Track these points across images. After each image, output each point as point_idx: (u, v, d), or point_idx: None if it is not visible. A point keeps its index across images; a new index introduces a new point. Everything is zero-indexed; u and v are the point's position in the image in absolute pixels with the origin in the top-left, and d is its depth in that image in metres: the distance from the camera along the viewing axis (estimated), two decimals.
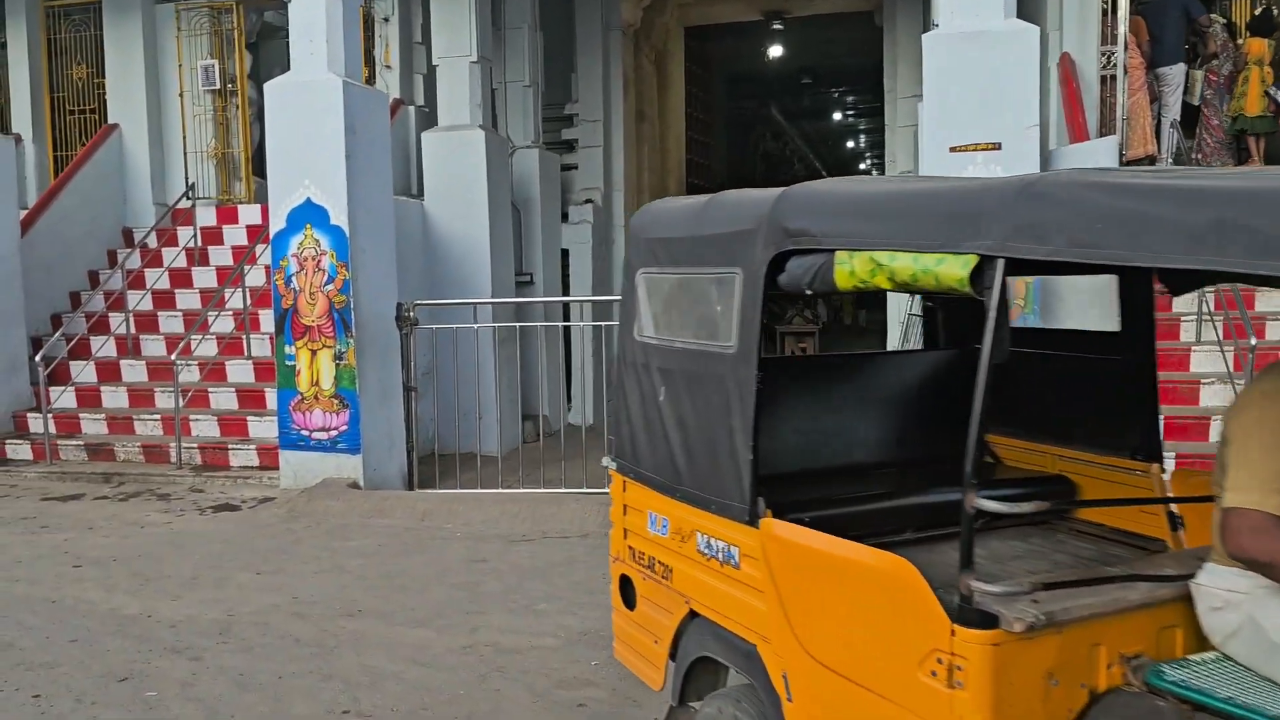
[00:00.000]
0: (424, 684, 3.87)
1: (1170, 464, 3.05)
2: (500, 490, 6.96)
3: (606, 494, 7.04)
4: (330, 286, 6.92)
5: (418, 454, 7.65)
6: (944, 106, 5.86)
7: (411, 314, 7.45)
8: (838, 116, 23.11)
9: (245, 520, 6.51)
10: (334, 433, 6.97)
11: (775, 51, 15.40)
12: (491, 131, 8.98)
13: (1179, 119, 7.73)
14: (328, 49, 6.79)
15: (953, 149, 5.85)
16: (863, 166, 34.90)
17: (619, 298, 10.30)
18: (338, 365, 6.94)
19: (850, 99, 20.51)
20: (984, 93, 5.79)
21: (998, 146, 5.77)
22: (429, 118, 9.39)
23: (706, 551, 2.56)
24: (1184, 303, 7.03)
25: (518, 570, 5.33)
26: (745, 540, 2.39)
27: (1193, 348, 6.63)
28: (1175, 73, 7.68)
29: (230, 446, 7.76)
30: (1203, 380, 6.34)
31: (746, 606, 2.41)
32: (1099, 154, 6.26)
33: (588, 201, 10.79)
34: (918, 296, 7.95)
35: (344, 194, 6.78)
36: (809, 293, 2.24)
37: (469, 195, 8.76)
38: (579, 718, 3.58)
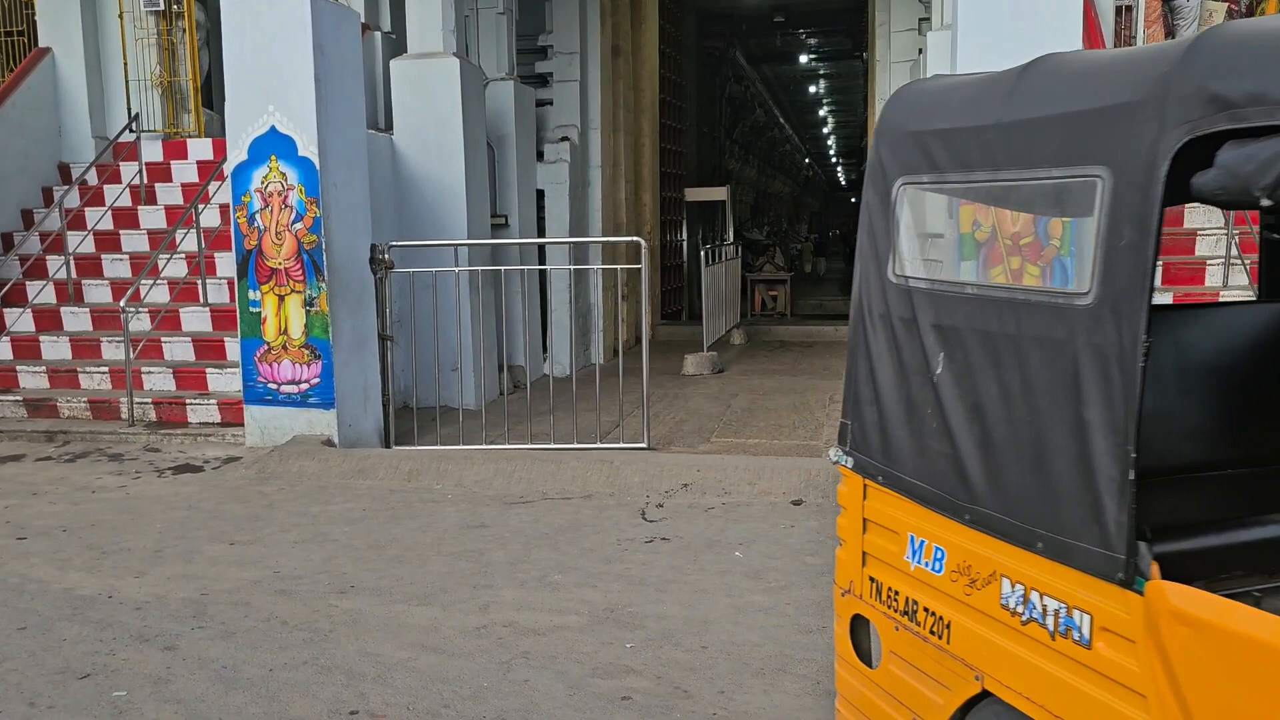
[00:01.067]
0: (439, 674, 3.37)
1: None
2: (490, 446, 6.44)
3: (605, 450, 6.71)
4: (299, 225, 6.28)
5: (394, 409, 7.10)
6: (980, 36, 5.36)
7: (387, 256, 6.84)
8: (804, 59, 22.50)
9: (210, 482, 5.91)
10: (305, 385, 6.38)
11: None
12: (466, 61, 8.30)
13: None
14: None
15: None
16: (823, 113, 34.57)
17: (602, 239, 9.71)
18: (308, 312, 6.32)
19: (820, 41, 19.91)
20: (1023, 20, 5.30)
21: None
22: (397, 45, 8.67)
23: (1021, 611, 1.82)
24: (1208, 245, 6.68)
25: (522, 536, 4.82)
26: (1110, 608, 1.63)
27: (1220, 294, 6.28)
28: (1190, 4, 7.26)
29: (188, 401, 7.11)
30: None
31: (1104, 712, 1.65)
32: None
33: (564, 139, 10.15)
34: None
35: (314, 122, 6.12)
36: (1268, 203, 1.41)
37: (442, 130, 8.11)
38: (625, 713, 3.11)
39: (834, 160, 47.84)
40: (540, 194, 10.03)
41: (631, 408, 7.74)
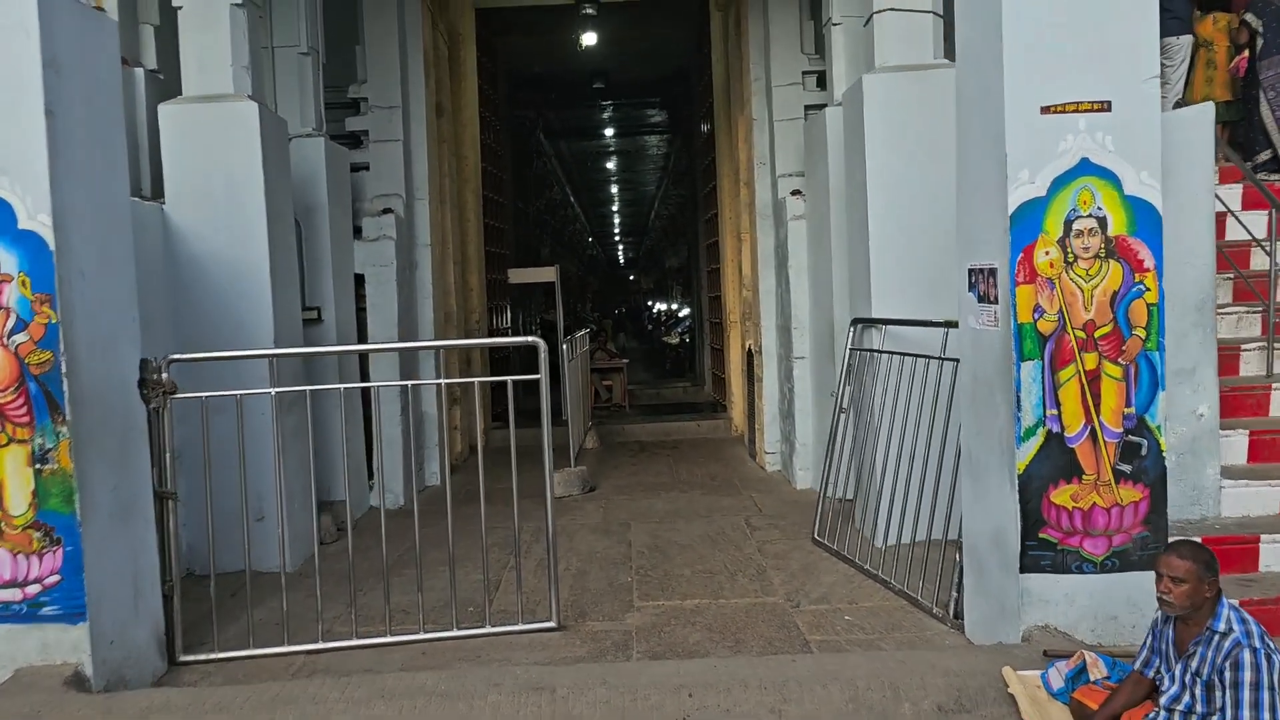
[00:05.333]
0: None
1: None
2: (340, 646, 4.35)
3: (510, 636, 4.64)
4: (20, 337, 4.02)
5: (179, 590, 4.83)
6: (1029, 48, 3.98)
7: (165, 376, 4.65)
8: (609, 132, 21.36)
9: None
10: (35, 590, 4.05)
11: (568, 47, 13.33)
12: (266, 108, 6.24)
13: (1181, 98, 6.43)
14: None
15: (1045, 109, 3.98)
16: (613, 189, 33.73)
17: (435, 343, 7.61)
18: (39, 473, 4.04)
19: (632, 112, 18.81)
20: (1084, 30, 3.97)
21: (1106, 107, 3.97)
22: (167, 88, 6.49)
23: None
24: (1248, 325, 5.59)
25: None
26: None
27: (1272, 386, 5.17)
28: (1181, 45, 6.35)
29: None
30: None
31: None
32: (1200, 122, 4.65)
33: (387, 211, 8.16)
34: (854, 329, 6.21)
35: (44, 177, 3.93)
36: None
37: (236, 197, 5.98)
38: None
39: (616, 238, 47.55)
40: (359, 278, 7.97)
41: (501, 554, 5.86)
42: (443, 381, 6.39)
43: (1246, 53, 7.00)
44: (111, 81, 4.40)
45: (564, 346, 8.83)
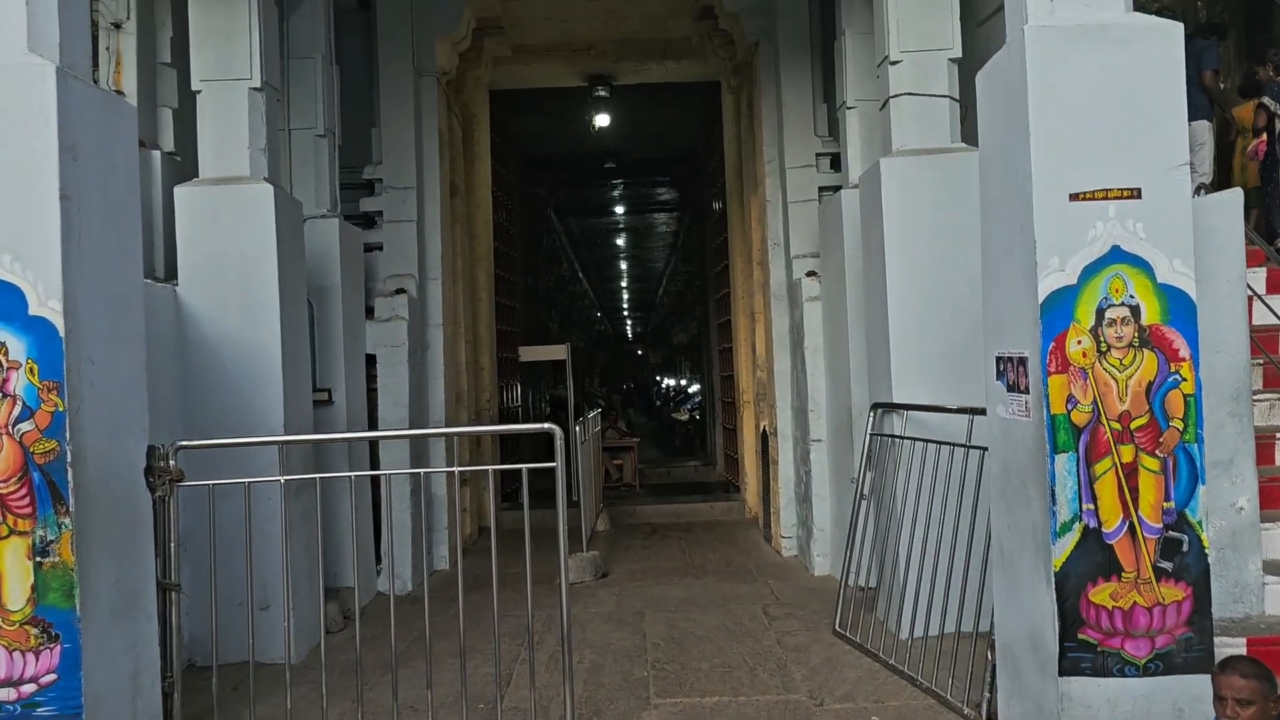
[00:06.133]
0: None
1: None
2: None
3: None
4: (26, 425, 3.93)
5: (179, 690, 4.65)
6: (1056, 134, 3.93)
7: (173, 464, 4.54)
8: (620, 210, 21.52)
9: None
10: (30, 689, 3.89)
11: (581, 128, 13.48)
12: (282, 190, 6.24)
13: (1210, 181, 6.40)
14: (30, 20, 3.93)
15: (1074, 197, 3.91)
16: (622, 265, 33.90)
17: (447, 430, 7.44)
18: (39, 566, 3.90)
19: (642, 191, 18.96)
20: (1113, 116, 3.93)
21: (1136, 194, 3.91)
22: (183, 170, 6.51)
23: None
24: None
25: None
26: None
27: None
28: (1197, 130, 6.35)
29: None
30: None
31: None
32: (1229, 209, 4.58)
33: (400, 292, 8.13)
34: (874, 414, 6.07)
35: (57, 264, 3.88)
36: None
37: (250, 280, 5.94)
38: None
39: (624, 313, 47.74)
40: (370, 359, 7.90)
41: (512, 645, 5.67)
42: (456, 470, 6.26)
43: (1265, 136, 7.01)
44: (129, 166, 4.38)
45: (576, 428, 8.71)
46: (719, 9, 9.03)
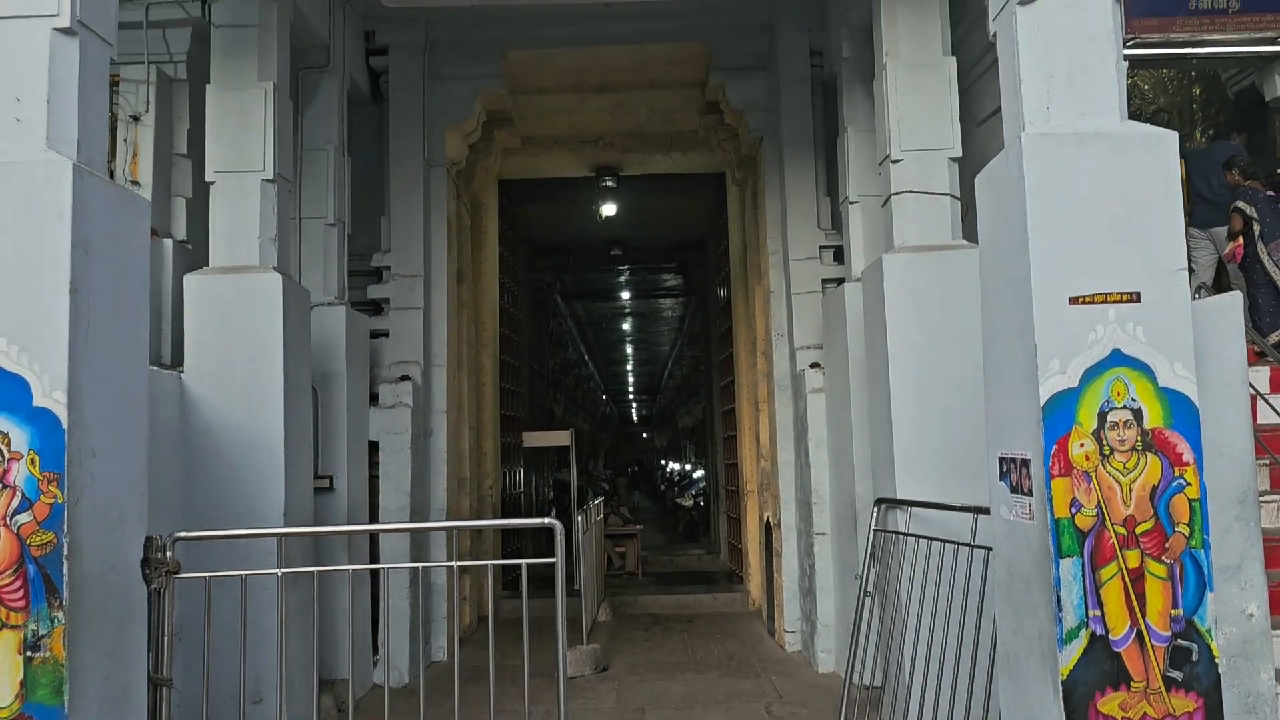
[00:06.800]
0: None
1: None
2: None
3: None
4: (24, 517, 3.91)
5: None
6: (1054, 237, 3.98)
7: (170, 556, 4.50)
8: (625, 295, 21.71)
9: None
10: None
11: (588, 216, 13.66)
12: (290, 279, 6.31)
13: (1210, 281, 6.44)
14: (50, 116, 4.04)
15: (1074, 299, 3.94)
16: (627, 349, 34.05)
17: (448, 524, 7.40)
18: (29, 661, 3.85)
19: (648, 278, 19.16)
20: (1111, 221, 3.98)
21: (1136, 298, 3.93)
22: (194, 257, 6.60)
23: None
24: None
25: None
26: None
27: None
28: (1222, 235, 6.42)
29: None
30: None
31: None
32: (1229, 311, 4.60)
33: (404, 379, 8.16)
34: (877, 509, 6.02)
35: (64, 356, 3.91)
36: None
37: (256, 367, 5.98)
38: None
39: (629, 395, 47.77)
40: (373, 445, 7.89)
41: None
42: (455, 564, 6.19)
43: (1241, 239, 7.07)
44: (140, 259, 4.43)
45: (579, 518, 8.65)
46: (724, 105, 9.24)
